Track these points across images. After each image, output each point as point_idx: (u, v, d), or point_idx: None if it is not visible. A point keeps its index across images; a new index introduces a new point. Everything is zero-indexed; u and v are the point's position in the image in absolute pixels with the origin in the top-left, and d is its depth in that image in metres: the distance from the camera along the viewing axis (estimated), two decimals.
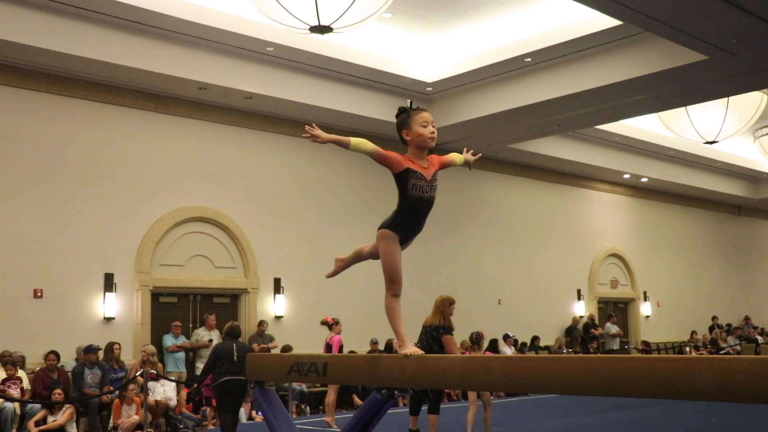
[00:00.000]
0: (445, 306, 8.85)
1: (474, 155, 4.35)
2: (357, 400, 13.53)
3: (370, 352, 13.95)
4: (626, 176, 21.10)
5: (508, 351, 15.62)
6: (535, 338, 18.33)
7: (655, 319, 22.37)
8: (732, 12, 10.40)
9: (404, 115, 3.91)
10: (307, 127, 3.78)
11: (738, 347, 21.14)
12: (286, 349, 12.90)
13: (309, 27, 10.28)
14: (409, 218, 3.82)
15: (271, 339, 13.68)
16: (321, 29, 10.33)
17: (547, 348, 18.40)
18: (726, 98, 15.62)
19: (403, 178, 3.78)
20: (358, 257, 4.20)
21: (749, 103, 16.23)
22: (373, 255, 4.04)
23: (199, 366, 12.87)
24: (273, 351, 12.94)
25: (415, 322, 9.18)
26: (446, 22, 13.13)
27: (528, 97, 14.22)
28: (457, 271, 17.28)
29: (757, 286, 26.81)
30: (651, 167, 20.82)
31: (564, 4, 11.62)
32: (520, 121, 15.28)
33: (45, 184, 11.94)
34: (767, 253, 27.64)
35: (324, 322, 11.54)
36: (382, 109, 14.68)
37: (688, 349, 21.37)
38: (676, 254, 23.47)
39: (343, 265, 4.35)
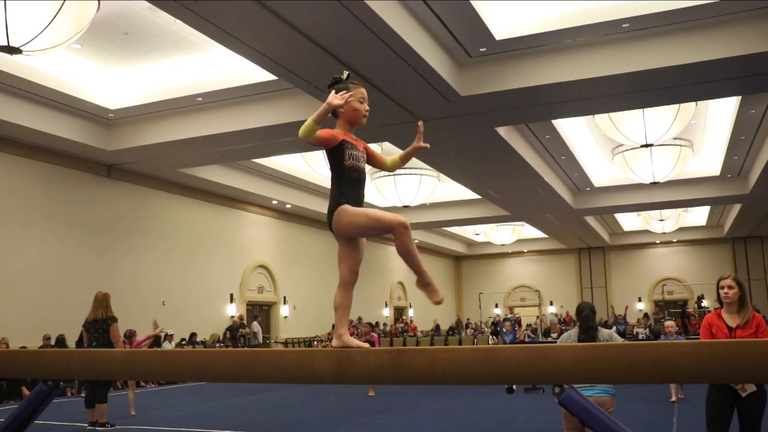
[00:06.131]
0: (107, 300, 8.54)
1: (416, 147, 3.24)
2: (26, 391, 12.20)
3: (42, 347, 12.71)
4: (274, 202, 21.64)
5: (169, 346, 15.14)
6: (193, 334, 17.99)
7: (292, 319, 23.16)
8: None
9: (341, 86, 3.16)
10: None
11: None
12: None
13: None
14: (352, 187, 3.05)
15: None
16: (10, 50, 9.22)
17: (203, 342, 18.11)
18: None
19: (339, 151, 3.07)
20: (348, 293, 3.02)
21: None
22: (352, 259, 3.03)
23: None
24: None
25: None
26: (131, 58, 12.57)
27: (198, 130, 14.07)
28: (127, 276, 16.47)
29: None
30: (294, 196, 21.60)
31: (231, 55, 11.63)
32: (190, 149, 15.04)
33: None
34: None
35: None
36: (66, 128, 14.01)
37: (315, 343, 22.33)
38: (310, 266, 24.50)
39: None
